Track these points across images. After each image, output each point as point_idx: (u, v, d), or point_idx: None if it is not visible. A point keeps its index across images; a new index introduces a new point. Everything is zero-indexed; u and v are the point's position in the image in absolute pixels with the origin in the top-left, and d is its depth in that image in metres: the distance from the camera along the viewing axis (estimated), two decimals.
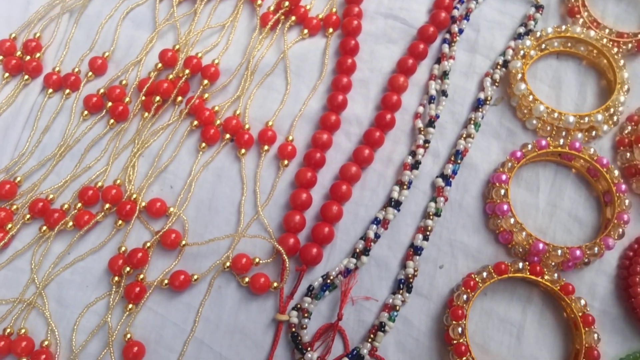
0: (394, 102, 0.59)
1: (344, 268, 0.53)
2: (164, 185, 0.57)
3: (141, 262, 0.52)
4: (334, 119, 0.58)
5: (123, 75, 0.61)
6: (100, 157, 0.58)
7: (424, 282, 0.53)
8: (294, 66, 0.62)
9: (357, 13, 0.63)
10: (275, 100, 0.61)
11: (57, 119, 0.60)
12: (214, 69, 0.60)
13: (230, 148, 0.59)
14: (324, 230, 0.54)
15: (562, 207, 0.56)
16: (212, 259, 0.54)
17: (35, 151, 0.58)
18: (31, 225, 0.55)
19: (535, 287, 0.53)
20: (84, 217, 0.54)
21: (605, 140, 0.59)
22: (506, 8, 0.65)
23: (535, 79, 0.61)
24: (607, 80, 0.61)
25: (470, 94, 0.61)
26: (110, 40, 0.63)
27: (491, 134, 0.59)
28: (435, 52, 0.63)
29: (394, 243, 0.55)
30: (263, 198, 0.56)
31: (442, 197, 0.56)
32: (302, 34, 0.63)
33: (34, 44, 0.62)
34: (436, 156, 0.58)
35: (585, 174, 0.57)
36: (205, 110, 0.59)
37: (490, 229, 0.55)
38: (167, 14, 0.64)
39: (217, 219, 0.56)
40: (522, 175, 0.57)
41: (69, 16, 0.64)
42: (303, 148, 0.59)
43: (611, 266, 0.54)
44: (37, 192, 0.56)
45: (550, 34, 0.61)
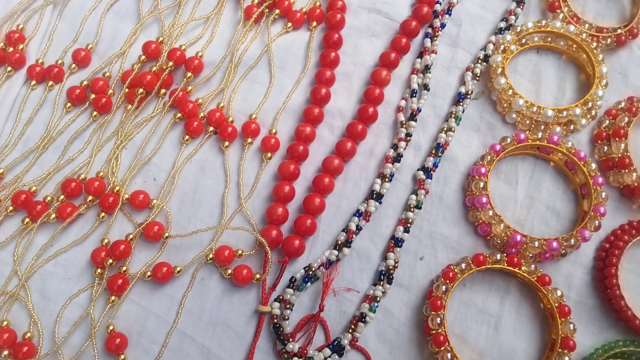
0: (376, 96, 0.59)
1: (326, 260, 0.53)
2: (148, 178, 0.57)
3: (124, 254, 0.52)
4: (317, 112, 0.58)
5: (107, 67, 0.61)
6: (83, 149, 0.57)
7: (405, 273, 0.54)
8: (278, 59, 0.62)
9: (341, 7, 0.63)
10: (259, 93, 0.60)
11: (40, 111, 0.59)
12: (198, 62, 0.60)
13: (213, 140, 0.59)
14: (307, 222, 0.54)
15: (540, 199, 0.56)
16: (195, 251, 0.54)
17: (18, 143, 0.58)
18: (14, 217, 0.55)
19: (513, 278, 0.53)
20: (66, 209, 0.54)
21: (584, 133, 0.59)
22: (488, 3, 0.65)
23: (516, 73, 0.61)
24: (586, 75, 0.61)
25: (451, 88, 0.61)
26: (94, 32, 0.62)
27: (472, 128, 0.59)
28: (417, 47, 0.63)
29: (375, 235, 0.55)
30: (246, 190, 0.56)
31: (423, 190, 0.56)
32: (286, 27, 0.63)
33: (17, 35, 0.61)
34: (417, 149, 0.58)
35: (563, 167, 0.57)
36: (188, 102, 0.58)
37: (470, 221, 0.56)
38: (151, 6, 0.64)
39: (200, 211, 0.56)
40: (502, 168, 0.58)
41: (53, 8, 0.64)
42: (286, 141, 0.59)
43: (587, 258, 0.55)
44: (20, 184, 0.56)
45: (531, 28, 0.61)
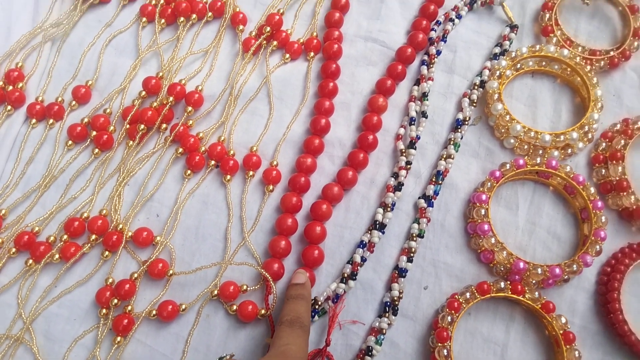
0: (374, 123, 0.58)
1: (333, 293, 0.51)
2: (150, 214, 0.55)
3: (129, 293, 0.50)
4: (317, 143, 0.57)
5: (107, 104, 0.59)
6: (85, 187, 0.55)
7: (409, 303, 0.52)
8: (277, 90, 0.60)
9: (337, 37, 0.61)
10: (259, 125, 0.59)
11: (41, 149, 0.57)
12: (198, 96, 0.58)
13: (215, 174, 0.57)
14: (314, 253, 0.52)
15: (541, 224, 0.55)
16: (200, 287, 0.52)
17: (19, 183, 0.56)
18: (17, 258, 0.53)
19: (518, 306, 0.52)
20: (70, 249, 0.52)
21: (581, 156, 0.58)
22: (482, 28, 0.63)
23: (512, 98, 0.60)
24: (582, 98, 0.59)
25: (449, 114, 0.59)
26: (93, 68, 0.61)
27: (470, 154, 0.58)
28: (414, 74, 0.61)
29: (379, 265, 0.53)
30: (249, 224, 0.54)
31: (425, 219, 0.54)
32: (284, 58, 0.61)
33: (16, 73, 0.59)
34: (418, 177, 0.57)
35: (562, 191, 0.56)
36: (189, 137, 0.56)
37: (472, 249, 0.54)
38: (149, 40, 0.62)
39: (204, 246, 0.54)
40: (502, 194, 0.56)
41: (51, 45, 0.62)
42: (288, 172, 0.57)
43: (590, 282, 0.53)
44: (22, 224, 0.54)
45: (525, 53, 0.59)
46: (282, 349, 0.41)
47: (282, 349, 0.41)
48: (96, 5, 0.64)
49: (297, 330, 0.44)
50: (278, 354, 0.41)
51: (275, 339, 0.43)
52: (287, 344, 0.42)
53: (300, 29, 0.63)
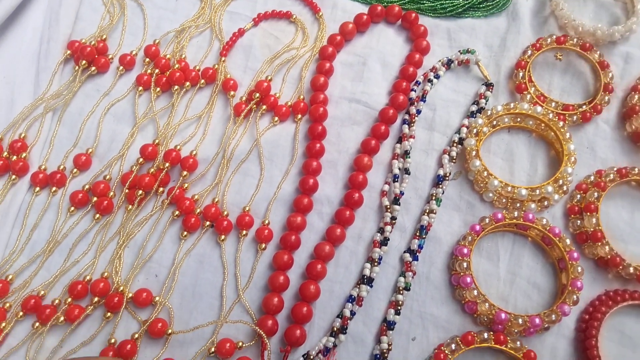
0: (360, 181, 0.62)
1: (323, 347, 0.55)
2: (149, 275, 0.59)
3: (130, 353, 0.53)
4: (306, 202, 0.61)
5: (107, 170, 0.63)
6: (87, 250, 0.59)
7: (399, 355, 0.55)
8: (267, 152, 0.64)
9: (323, 99, 0.66)
10: (251, 185, 0.63)
11: (45, 215, 0.61)
12: (192, 160, 0.62)
13: (210, 234, 0.61)
14: (303, 310, 0.55)
15: (521, 274, 0.58)
16: (197, 344, 0.55)
17: (25, 248, 0.59)
18: (24, 321, 0.56)
19: (502, 354, 0.55)
20: (74, 311, 0.55)
21: (557, 207, 0.62)
22: (459, 87, 0.68)
23: (490, 153, 0.64)
24: (556, 151, 0.64)
25: (430, 170, 0.63)
26: (93, 135, 0.65)
27: (452, 207, 0.62)
28: (396, 132, 0.66)
29: (368, 319, 0.57)
30: (243, 281, 0.58)
31: (410, 272, 0.58)
32: (273, 120, 0.66)
33: (19, 144, 0.63)
34: (403, 231, 0.61)
35: (540, 242, 0.59)
36: (185, 200, 0.60)
37: (457, 299, 0.57)
38: (146, 107, 0.66)
39: (201, 304, 0.57)
40: (483, 246, 0.60)
41: (52, 115, 0.66)
42: (279, 229, 0.61)
43: (569, 329, 0.56)
44: (28, 288, 0.57)
45: (501, 111, 0.64)
46: None
47: None
48: (94, 75, 0.68)
49: None
50: None
51: None
52: None
53: (288, 91, 0.68)
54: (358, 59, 0.70)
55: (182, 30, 0.71)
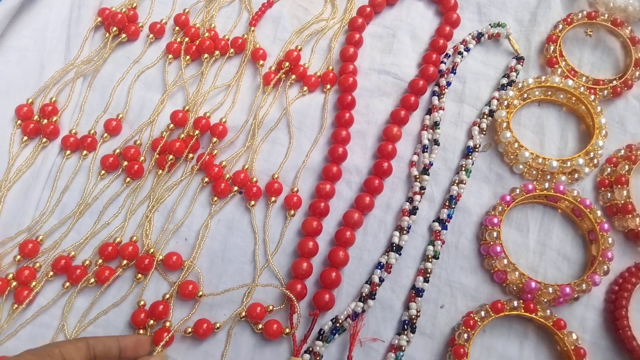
0: (389, 151, 0.62)
1: (352, 312, 0.55)
2: (179, 238, 0.59)
3: (163, 313, 0.54)
4: (335, 170, 0.61)
5: (137, 135, 0.64)
6: (117, 213, 0.60)
7: (427, 322, 0.56)
8: (296, 121, 0.65)
9: (352, 70, 0.66)
10: (279, 154, 0.64)
11: (76, 178, 0.62)
12: (222, 127, 0.63)
13: (239, 200, 0.61)
14: (332, 275, 0.56)
15: (551, 245, 0.59)
16: (227, 307, 0.56)
17: (55, 210, 0.60)
18: (54, 281, 0.57)
19: (531, 323, 0.56)
20: (104, 272, 0.56)
21: (587, 181, 0.62)
22: (489, 60, 0.68)
23: (520, 126, 0.64)
24: (587, 125, 0.64)
25: (460, 142, 0.64)
26: (123, 102, 0.66)
27: (481, 179, 0.62)
28: (425, 104, 0.66)
29: (396, 286, 0.57)
30: (272, 247, 0.59)
31: (439, 241, 0.58)
32: (302, 90, 0.66)
33: (50, 108, 0.64)
34: (431, 201, 0.61)
35: (571, 214, 0.60)
36: (214, 166, 0.61)
37: (486, 269, 0.58)
38: (175, 75, 0.67)
39: (230, 268, 0.58)
40: (513, 217, 0.60)
41: (83, 80, 0.67)
42: (308, 198, 0.62)
43: (599, 300, 0.57)
44: (58, 249, 0.58)
45: (531, 84, 0.64)
46: None
47: None
48: (125, 43, 0.69)
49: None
50: None
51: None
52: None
53: (317, 62, 0.69)
54: (387, 31, 0.70)
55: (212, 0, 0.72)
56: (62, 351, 0.44)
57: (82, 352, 0.45)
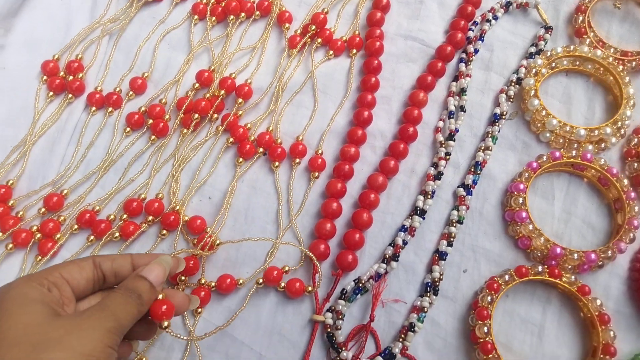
0: (415, 116, 0.62)
1: (375, 273, 0.55)
2: (203, 197, 0.59)
3: (193, 269, 0.54)
4: (360, 134, 0.61)
5: (162, 94, 0.64)
6: (142, 170, 0.60)
7: (449, 285, 0.56)
8: (321, 84, 0.64)
9: (379, 35, 0.66)
10: (304, 117, 0.63)
11: (101, 135, 0.62)
12: (247, 88, 0.63)
13: (263, 161, 0.61)
14: (355, 236, 0.56)
15: (576, 214, 0.59)
16: (249, 265, 0.56)
17: (80, 165, 0.60)
18: (78, 235, 0.57)
19: (554, 289, 0.55)
20: (129, 227, 0.56)
21: (614, 151, 0.62)
22: (517, 29, 0.68)
23: (547, 95, 0.64)
24: (614, 96, 0.63)
25: (486, 109, 0.63)
26: (148, 61, 0.66)
27: (507, 147, 0.62)
28: (452, 71, 0.66)
29: (419, 249, 0.57)
30: (295, 208, 0.59)
31: (464, 206, 0.58)
32: (328, 54, 0.66)
33: (76, 64, 0.64)
34: (457, 167, 0.61)
35: (597, 182, 0.59)
36: (239, 127, 0.61)
37: (510, 235, 0.58)
38: (201, 37, 0.67)
39: (253, 227, 0.58)
40: (538, 185, 0.60)
41: (109, 39, 0.67)
42: (331, 161, 0.61)
43: (623, 269, 0.56)
44: (83, 204, 0.58)
45: (560, 53, 0.64)
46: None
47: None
48: (150, 3, 0.69)
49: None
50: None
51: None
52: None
53: (343, 27, 0.68)
54: None
55: None
56: (62, 273, 0.40)
57: (87, 272, 0.42)
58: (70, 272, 0.41)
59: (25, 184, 0.59)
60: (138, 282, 0.41)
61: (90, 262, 0.42)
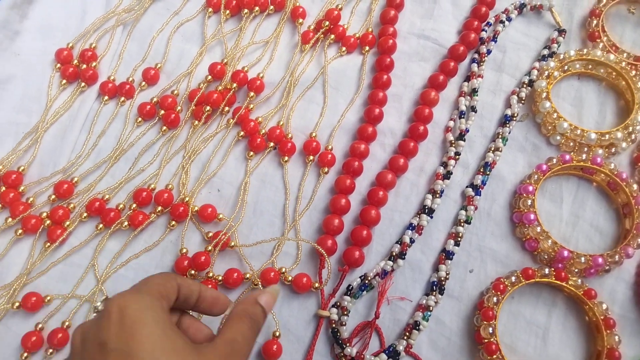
0: (426, 115, 0.61)
1: (381, 270, 0.54)
2: (212, 189, 0.59)
3: (205, 264, 0.53)
4: (370, 131, 0.60)
5: (174, 86, 0.63)
6: (152, 161, 0.59)
7: (455, 285, 0.55)
8: (333, 81, 0.63)
9: (392, 33, 0.65)
10: (315, 112, 0.62)
11: (112, 124, 0.61)
12: (259, 82, 0.62)
13: (272, 155, 0.60)
14: (363, 233, 0.55)
15: (584, 217, 0.57)
16: (257, 258, 0.55)
17: (91, 154, 0.60)
18: (87, 223, 0.57)
19: (560, 292, 0.54)
20: (138, 217, 0.56)
21: (624, 156, 0.60)
22: (531, 31, 0.66)
23: (559, 98, 0.63)
24: (625, 101, 0.62)
25: (497, 110, 0.62)
26: (161, 52, 0.65)
27: (517, 148, 0.61)
28: (464, 71, 0.65)
29: (426, 248, 0.56)
30: (304, 202, 0.58)
31: (472, 206, 0.57)
32: (340, 51, 0.65)
33: (89, 53, 0.63)
34: (466, 167, 0.60)
35: (606, 187, 0.58)
36: (250, 121, 0.60)
37: (517, 237, 0.57)
38: (214, 29, 0.66)
39: (261, 221, 0.57)
40: (547, 188, 0.59)
41: (123, 29, 0.66)
42: (341, 157, 0.60)
43: (629, 274, 0.55)
44: (93, 192, 0.58)
45: (573, 56, 0.63)
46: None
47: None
48: None
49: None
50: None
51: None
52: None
53: (356, 24, 0.67)
54: None
55: None
56: (159, 289, 0.39)
57: (172, 292, 0.40)
58: (166, 289, 0.40)
59: (36, 170, 0.59)
60: (256, 309, 0.42)
61: (174, 282, 0.41)
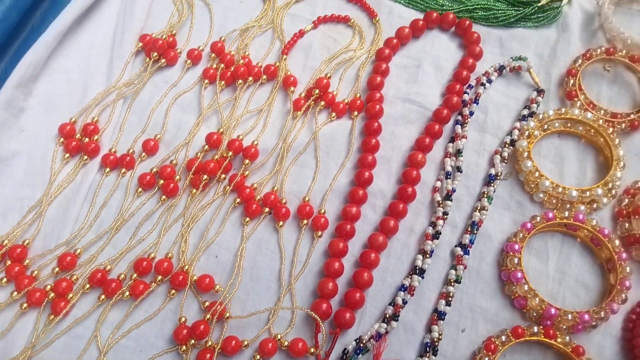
0: (414, 177, 0.62)
1: (376, 332, 0.54)
2: (210, 255, 0.59)
3: (204, 333, 0.53)
4: (361, 193, 0.61)
5: (173, 156, 0.64)
6: (152, 229, 0.60)
7: (448, 345, 0.55)
8: (324, 145, 0.65)
9: (379, 98, 0.66)
10: (307, 177, 0.63)
11: (114, 195, 0.62)
12: (254, 150, 0.63)
13: (267, 220, 0.61)
14: (356, 295, 0.55)
15: (570, 273, 0.58)
16: (255, 324, 0.55)
17: (93, 225, 0.60)
18: (90, 294, 0.57)
19: (549, 349, 0.54)
20: (139, 286, 0.56)
21: (605, 211, 0.61)
22: (511, 92, 0.68)
23: (540, 156, 0.64)
24: (605, 157, 0.63)
25: (482, 169, 0.63)
26: (160, 123, 0.66)
27: (502, 206, 0.61)
28: (448, 132, 0.66)
29: (418, 308, 0.56)
30: (299, 267, 0.58)
31: (461, 265, 0.57)
32: (330, 116, 0.66)
33: (92, 127, 0.64)
34: (454, 226, 0.60)
35: (589, 242, 0.59)
36: (246, 187, 0.61)
37: (506, 294, 0.57)
38: (210, 100, 0.67)
39: (257, 286, 0.57)
40: (533, 244, 0.59)
41: (123, 102, 0.67)
42: (334, 220, 0.61)
43: (616, 329, 0.55)
44: (95, 263, 0.58)
45: (552, 115, 0.64)
46: None
47: None
48: (163, 68, 0.70)
49: None
50: None
51: None
52: None
53: (345, 90, 0.69)
54: (413, 62, 0.70)
55: (246, 29, 0.72)
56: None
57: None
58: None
59: (41, 243, 0.59)
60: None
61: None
